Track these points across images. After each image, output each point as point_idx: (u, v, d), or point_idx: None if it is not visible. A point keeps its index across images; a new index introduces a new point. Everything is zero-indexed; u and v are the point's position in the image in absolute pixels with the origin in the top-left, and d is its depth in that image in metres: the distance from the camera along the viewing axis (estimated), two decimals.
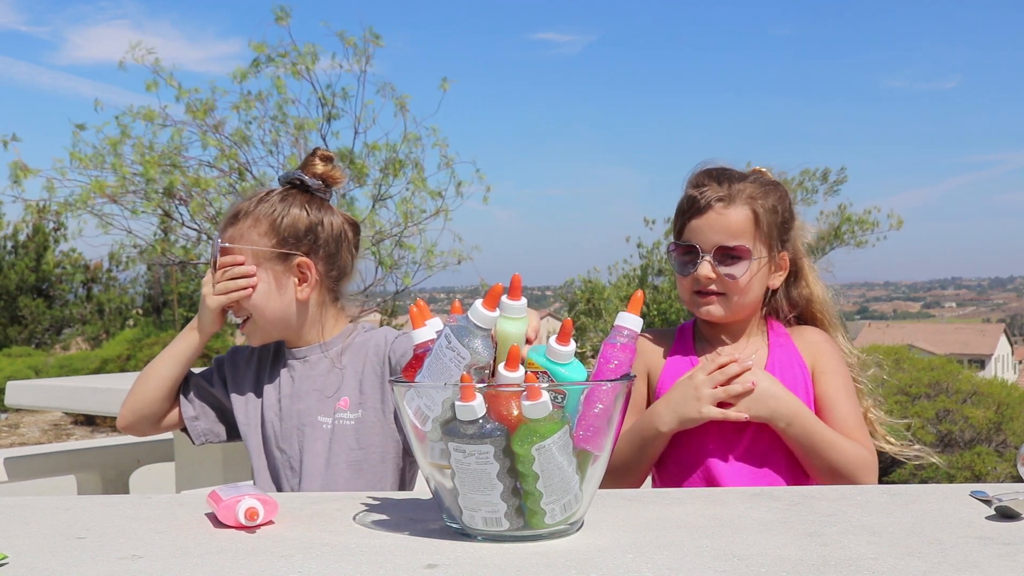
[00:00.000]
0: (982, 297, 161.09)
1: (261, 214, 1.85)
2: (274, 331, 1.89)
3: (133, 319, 18.36)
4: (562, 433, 1.16)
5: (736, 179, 1.87)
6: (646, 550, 1.14)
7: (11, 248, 18.32)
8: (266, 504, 1.28)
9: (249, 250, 1.84)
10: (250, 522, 1.25)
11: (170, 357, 1.92)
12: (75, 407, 4.07)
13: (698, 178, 1.89)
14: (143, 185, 7.59)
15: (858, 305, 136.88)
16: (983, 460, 6.57)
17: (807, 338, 1.91)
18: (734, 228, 1.82)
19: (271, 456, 1.90)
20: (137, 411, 1.93)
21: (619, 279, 17.41)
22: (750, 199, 1.84)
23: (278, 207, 1.85)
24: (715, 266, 1.83)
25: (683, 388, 1.79)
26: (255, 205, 1.86)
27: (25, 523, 1.34)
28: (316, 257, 1.87)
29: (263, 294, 1.84)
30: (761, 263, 1.85)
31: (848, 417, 1.82)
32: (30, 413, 11.07)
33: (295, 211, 1.85)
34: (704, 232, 1.83)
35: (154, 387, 1.92)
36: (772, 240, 1.86)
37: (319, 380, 1.89)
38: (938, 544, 1.15)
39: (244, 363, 1.97)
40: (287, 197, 1.87)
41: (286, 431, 1.88)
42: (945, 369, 7.42)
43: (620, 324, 1.26)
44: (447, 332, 1.21)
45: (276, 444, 1.89)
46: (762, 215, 1.84)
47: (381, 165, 8.11)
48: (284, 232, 1.84)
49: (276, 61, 7.87)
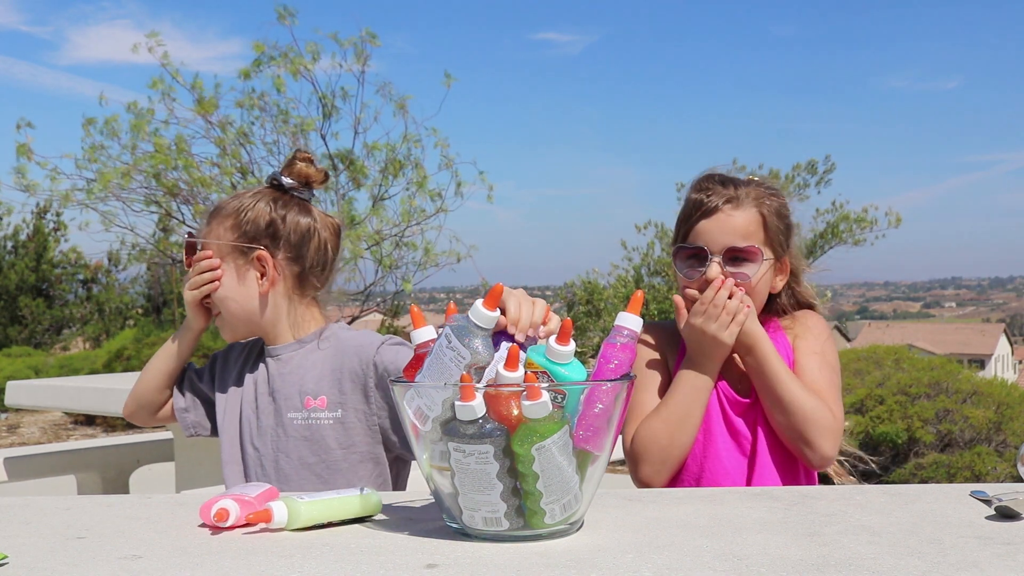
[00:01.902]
0: (982, 297, 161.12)
1: (230, 210, 1.91)
2: (240, 325, 1.93)
3: (133, 319, 18.35)
4: (562, 433, 1.16)
5: (741, 183, 1.89)
6: (646, 550, 1.14)
7: (11, 248, 18.31)
8: (243, 505, 1.28)
9: (214, 244, 1.90)
10: (220, 523, 1.26)
11: (165, 352, 2.01)
12: (75, 407, 4.08)
13: (702, 183, 1.90)
14: (145, 182, 7.59)
15: (858, 305, 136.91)
16: (983, 460, 6.57)
17: (800, 321, 1.94)
18: (744, 229, 1.83)
19: (245, 452, 1.93)
20: (137, 400, 2.04)
21: (617, 280, 17.42)
22: (757, 201, 1.85)
23: (246, 202, 1.91)
24: (724, 268, 1.83)
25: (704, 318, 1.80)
26: (229, 202, 1.93)
27: (25, 523, 1.34)
28: (276, 251, 1.90)
29: (226, 287, 1.90)
30: (768, 265, 1.87)
31: (816, 383, 1.84)
32: (30, 413, 11.07)
33: (260, 206, 1.91)
34: (713, 233, 1.84)
35: (151, 379, 2.02)
36: (777, 243, 1.88)
37: (291, 377, 1.90)
38: (938, 544, 1.15)
39: (234, 360, 2.02)
40: (258, 194, 1.93)
41: (261, 428, 1.91)
42: (945, 369, 7.43)
43: (620, 324, 1.27)
44: (447, 332, 1.21)
45: (251, 441, 1.91)
46: (769, 218, 1.86)
47: (381, 165, 8.11)
48: (245, 226, 1.89)
49: (277, 60, 7.87)
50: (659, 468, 1.82)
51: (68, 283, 18.68)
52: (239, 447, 1.94)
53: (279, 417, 1.89)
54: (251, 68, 7.88)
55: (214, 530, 1.28)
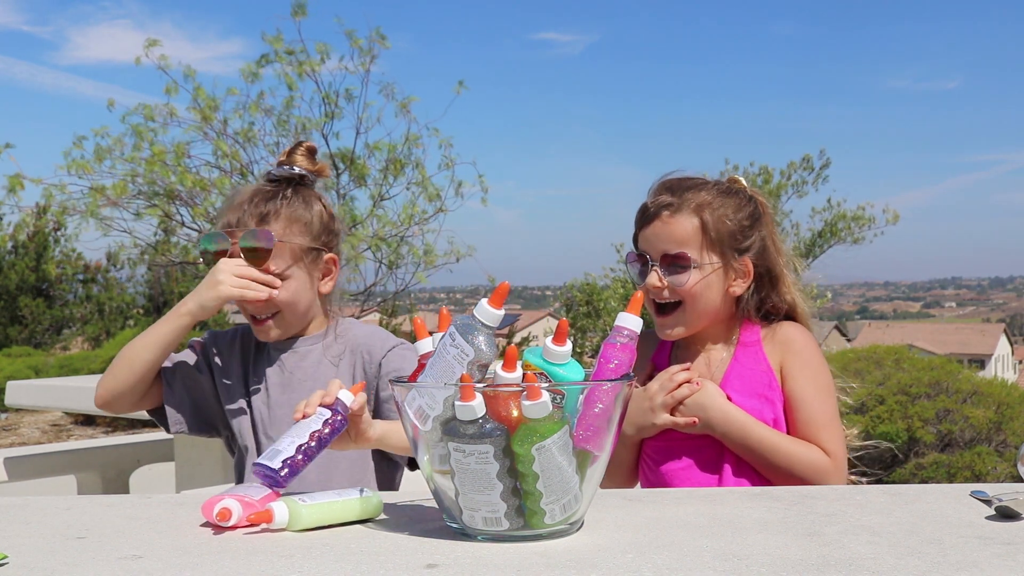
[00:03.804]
0: (982, 297, 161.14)
1: (293, 215, 1.86)
2: (296, 324, 1.91)
3: (133, 319, 18.35)
4: (562, 433, 1.16)
5: (690, 188, 1.86)
6: (646, 550, 1.14)
7: (11, 248, 18.31)
8: (246, 505, 1.28)
9: (288, 249, 1.84)
10: (222, 522, 1.27)
11: (154, 339, 1.85)
12: (75, 407, 4.07)
13: (656, 188, 1.90)
14: (145, 187, 7.59)
15: (858, 305, 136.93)
16: (983, 460, 6.57)
17: (780, 336, 1.88)
18: (678, 236, 1.82)
19: (259, 443, 1.90)
20: (114, 391, 1.87)
21: (614, 281, 17.42)
22: (699, 207, 1.83)
23: (300, 205, 1.88)
24: (661, 275, 1.83)
25: (639, 399, 1.83)
26: (280, 206, 1.86)
27: (25, 523, 1.34)
28: (337, 251, 1.93)
29: (297, 291, 1.86)
30: (711, 270, 1.83)
31: (813, 419, 1.81)
32: (30, 413, 11.06)
33: (317, 208, 1.90)
34: (651, 241, 1.85)
35: (137, 369, 1.85)
36: (725, 248, 1.84)
37: (310, 371, 1.90)
38: (938, 544, 1.15)
39: (227, 349, 1.97)
40: (301, 194, 1.89)
41: (275, 419, 1.89)
42: (945, 369, 7.42)
43: (620, 324, 1.27)
44: (452, 330, 1.22)
45: (264, 431, 1.90)
46: (711, 223, 1.82)
47: (381, 165, 8.11)
48: (315, 230, 1.88)
49: (282, 58, 7.87)
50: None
51: (68, 283, 18.68)
52: (252, 438, 1.91)
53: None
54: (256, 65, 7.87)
55: (216, 529, 1.28)
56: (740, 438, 1.78)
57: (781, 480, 1.77)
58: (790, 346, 1.86)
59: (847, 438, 1.89)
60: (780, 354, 1.86)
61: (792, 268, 1.93)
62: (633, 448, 1.89)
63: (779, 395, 1.84)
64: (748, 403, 1.81)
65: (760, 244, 1.88)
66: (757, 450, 1.78)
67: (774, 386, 1.84)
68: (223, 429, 1.98)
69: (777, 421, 1.82)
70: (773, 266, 1.90)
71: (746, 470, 1.82)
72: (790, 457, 1.77)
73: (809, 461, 1.77)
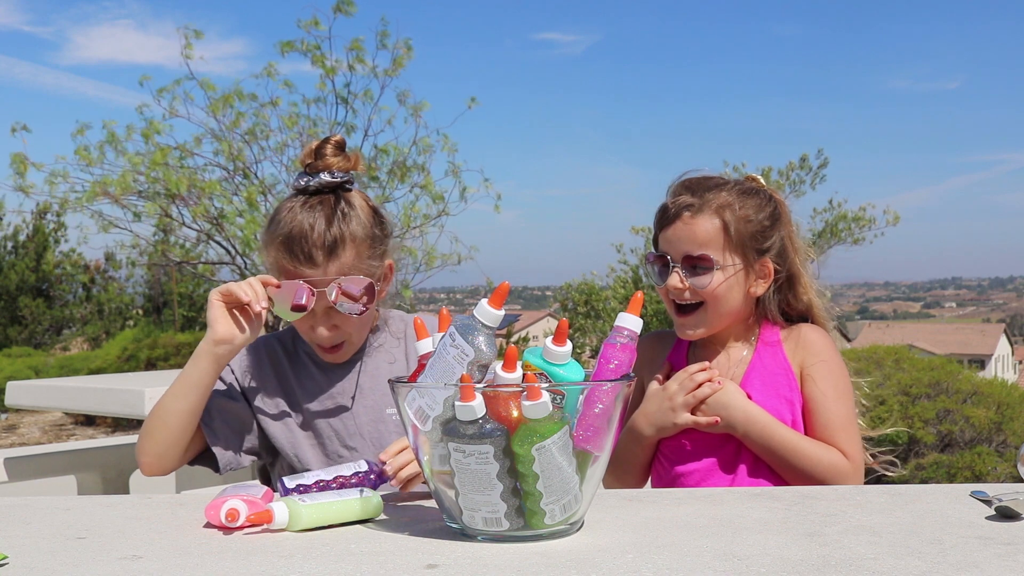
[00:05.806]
0: (982, 297, 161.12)
1: (357, 235, 1.73)
2: (361, 341, 1.84)
3: (133, 319, 18.36)
4: (562, 433, 1.16)
5: (711, 188, 1.85)
6: (646, 550, 1.14)
7: (11, 248, 18.31)
8: (251, 505, 1.28)
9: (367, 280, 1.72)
10: (231, 523, 1.26)
11: (188, 384, 1.67)
12: (75, 407, 4.07)
13: (675, 188, 1.88)
14: (146, 185, 7.60)
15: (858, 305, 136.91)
16: (983, 460, 6.57)
17: (801, 338, 1.87)
18: (700, 237, 1.81)
19: (332, 459, 1.79)
20: (157, 453, 1.70)
21: (615, 281, 17.42)
22: (720, 208, 1.82)
23: (361, 219, 1.75)
24: (683, 276, 1.82)
25: (658, 398, 1.83)
26: (342, 226, 1.71)
27: (25, 523, 1.34)
28: (390, 251, 1.84)
29: (369, 312, 1.75)
30: (734, 271, 1.82)
31: (831, 422, 1.81)
32: (30, 413, 11.07)
33: (367, 214, 1.77)
34: (672, 242, 1.84)
35: (172, 423, 1.68)
36: (747, 248, 1.83)
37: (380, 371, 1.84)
38: (938, 544, 1.15)
39: (267, 369, 1.84)
40: (353, 204, 1.76)
41: (360, 426, 1.80)
42: (945, 369, 7.42)
43: (620, 325, 1.27)
44: (452, 330, 1.22)
45: (343, 443, 1.80)
46: (732, 223, 1.81)
47: (388, 167, 8.13)
48: (379, 245, 1.78)
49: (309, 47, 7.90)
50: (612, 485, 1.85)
51: (68, 283, 18.68)
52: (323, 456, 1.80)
53: (378, 413, 1.82)
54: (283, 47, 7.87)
55: (224, 530, 1.28)
56: (761, 438, 1.78)
57: (799, 482, 1.76)
58: (811, 348, 1.86)
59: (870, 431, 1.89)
60: (801, 356, 1.86)
61: (808, 268, 1.92)
62: (650, 448, 1.88)
63: (799, 396, 1.83)
64: (768, 403, 1.80)
65: (780, 244, 1.88)
66: (778, 451, 1.77)
67: (794, 387, 1.83)
68: (266, 455, 1.86)
69: (795, 422, 1.81)
70: (791, 266, 1.89)
71: (762, 470, 1.81)
72: (810, 459, 1.77)
73: (829, 463, 1.77)
